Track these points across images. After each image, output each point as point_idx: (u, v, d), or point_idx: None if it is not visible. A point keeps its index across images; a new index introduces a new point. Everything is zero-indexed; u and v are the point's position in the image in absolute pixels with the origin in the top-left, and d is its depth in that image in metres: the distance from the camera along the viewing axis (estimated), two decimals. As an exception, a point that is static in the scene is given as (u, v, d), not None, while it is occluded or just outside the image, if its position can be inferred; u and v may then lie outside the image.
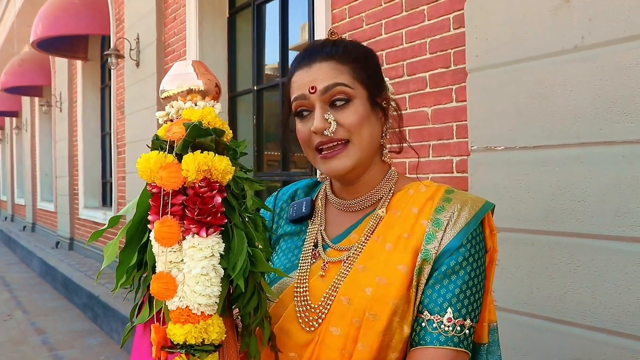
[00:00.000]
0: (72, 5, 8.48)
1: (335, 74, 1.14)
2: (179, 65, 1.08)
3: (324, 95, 1.14)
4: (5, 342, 5.98)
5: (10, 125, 18.04)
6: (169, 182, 0.92)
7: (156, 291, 0.93)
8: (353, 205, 1.24)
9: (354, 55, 1.18)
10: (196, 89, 1.04)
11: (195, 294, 0.92)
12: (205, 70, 1.08)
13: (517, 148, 2.22)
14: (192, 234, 0.93)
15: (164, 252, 0.93)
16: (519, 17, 2.21)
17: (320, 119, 1.13)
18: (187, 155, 0.94)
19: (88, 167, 9.98)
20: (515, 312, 2.19)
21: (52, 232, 12.49)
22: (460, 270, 1.09)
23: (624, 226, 1.90)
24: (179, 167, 0.93)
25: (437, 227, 1.12)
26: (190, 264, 0.93)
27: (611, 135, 1.93)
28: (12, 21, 13.06)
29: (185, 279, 0.93)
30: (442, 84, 2.92)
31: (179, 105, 1.03)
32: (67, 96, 10.60)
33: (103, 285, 6.96)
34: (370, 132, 1.17)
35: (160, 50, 6.34)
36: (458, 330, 1.06)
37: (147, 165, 0.93)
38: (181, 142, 0.95)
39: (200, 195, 0.94)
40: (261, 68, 5.44)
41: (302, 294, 1.17)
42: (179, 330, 0.92)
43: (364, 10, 3.42)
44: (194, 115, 0.98)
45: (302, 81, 1.16)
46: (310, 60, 1.17)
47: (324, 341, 1.11)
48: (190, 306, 0.92)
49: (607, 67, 1.94)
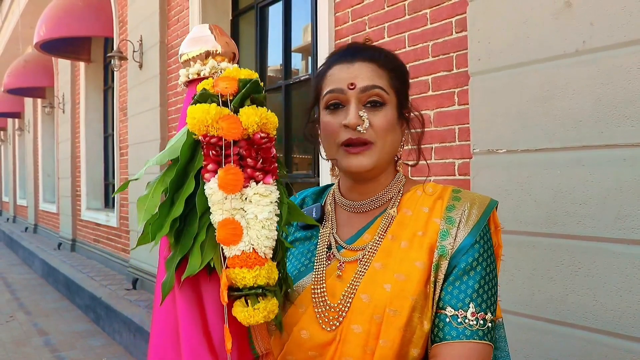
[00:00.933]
0: (75, 7, 8.50)
1: (376, 77, 1.19)
2: (198, 28, 1.12)
3: (362, 94, 1.18)
4: (8, 343, 5.99)
5: (13, 127, 18.05)
6: (230, 132, 0.96)
7: (223, 237, 0.96)
8: (363, 206, 1.27)
9: (394, 64, 1.24)
10: (214, 52, 1.09)
11: (262, 238, 0.97)
12: (222, 33, 1.12)
13: (519, 151, 2.23)
14: (254, 181, 0.98)
15: (228, 199, 0.96)
16: (521, 21, 2.22)
17: (355, 114, 1.16)
18: (247, 108, 0.98)
19: (90, 169, 9.99)
20: (517, 314, 2.20)
21: (54, 234, 12.51)
22: (478, 266, 1.13)
23: (625, 229, 1.91)
24: (237, 118, 0.97)
25: (450, 225, 1.16)
26: (256, 210, 0.97)
27: (612, 138, 1.95)
28: (16, 23, 13.08)
29: (250, 224, 0.97)
30: (444, 87, 2.94)
31: (212, 63, 1.07)
32: (70, 97, 10.62)
33: (105, 287, 6.98)
34: (392, 140, 1.22)
35: (164, 52, 6.36)
36: (482, 324, 1.09)
37: (206, 116, 0.96)
38: (239, 96, 1.00)
39: (261, 145, 0.99)
40: (264, 70, 5.46)
41: (320, 295, 1.19)
42: (249, 273, 0.96)
43: (367, 13, 3.44)
44: (241, 73, 1.03)
45: (342, 76, 1.20)
46: (352, 58, 1.21)
47: (346, 339, 1.13)
48: (257, 249, 0.97)
49: (608, 70, 1.96)
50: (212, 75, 1.06)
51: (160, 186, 0.99)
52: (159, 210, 0.98)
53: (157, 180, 1.00)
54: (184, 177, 1.00)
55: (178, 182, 1.00)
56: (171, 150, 1.01)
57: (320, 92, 1.24)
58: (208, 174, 0.97)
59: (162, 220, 0.98)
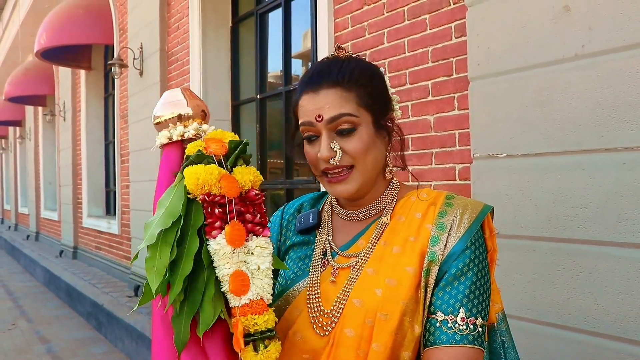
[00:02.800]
0: (75, 15, 8.53)
1: (341, 103, 1.17)
2: (170, 93, 1.22)
3: (330, 124, 1.18)
4: (10, 350, 5.99)
5: (14, 135, 18.07)
6: (231, 190, 1.05)
7: (235, 288, 1.04)
8: (358, 215, 1.29)
9: (361, 80, 1.20)
10: (187, 115, 1.18)
11: (266, 286, 1.07)
12: (192, 96, 1.22)
13: (519, 155, 2.24)
14: (253, 235, 1.08)
15: (235, 253, 1.05)
16: (520, 26, 2.23)
17: (326, 148, 1.17)
18: (241, 168, 1.09)
19: (91, 176, 10.00)
20: (518, 318, 2.20)
21: (56, 241, 12.51)
22: (469, 271, 1.14)
23: (626, 232, 1.91)
24: (234, 177, 1.07)
25: (441, 231, 1.17)
26: (258, 261, 1.06)
27: (612, 142, 1.95)
28: (16, 31, 13.12)
29: (254, 274, 1.06)
30: (444, 92, 2.94)
31: (195, 126, 1.17)
32: (71, 105, 10.64)
33: (107, 294, 6.97)
34: (374, 157, 1.21)
35: (164, 60, 6.38)
36: (472, 329, 1.11)
37: (210, 176, 1.04)
38: (233, 157, 1.10)
39: (255, 201, 1.09)
40: (264, 77, 5.47)
41: (314, 300, 1.22)
42: (260, 319, 1.04)
43: (367, 19, 3.45)
44: (226, 135, 1.14)
45: (309, 108, 1.20)
46: (317, 85, 1.19)
47: (339, 343, 1.15)
48: (263, 297, 1.06)
49: (607, 75, 1.96)
50: (195, 137, 1.15)
51: (166, 246, 1.03)
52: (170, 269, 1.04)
53: (160, 240, 1.03)
54: (184, 235, 1.05)
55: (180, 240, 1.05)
56: (170, 212, 1.05)
57: (298, 119, 1.26)
58: (215, 231, 1.05)
59: (174, 278, 1.03)
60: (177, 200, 1.05)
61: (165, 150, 1.18)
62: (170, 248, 1.02)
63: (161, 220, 1.04)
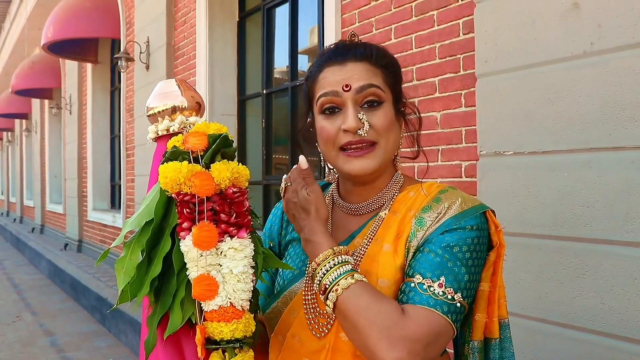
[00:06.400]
0: (82, 9, 8.55)
1: (370, 75, 1.15)
2: (164, 83, 1.17)
3: (358, 95, 1.14)
4: (14, 343, 6.02)
5: (20, 127, 18.14)
6: (203, 189, 0.97)
7: (198, 294, 0.97)
8: (360, 209, 1.25)
9: (386, 60, 1.19)
10: (181, 106, 1.13)
11: (238, 292, 0.98)
12: (187, 88, 1.16)
13: (526, 153, 2.23)
14: (228, 236, 0.99)
15: (203, 256, 0.97)
16: (528, 23, 2.22)
17: (354, 117, 1.13)
18: (218, 164, 1.00)
19: (97, 170, 10.03)
20: (524, 316, 2.19)
21: (61, 234, 12.55)
22: (455, 247, 1.09)
23: (633, 231, 1.90)
24: (209, 174, 0.99)
25: (419, 226, 1.14)
26: (231, 264, 0.98)
27: (620, 140, 1.94)
28: (23, 24, 13.15)
29: (225, 278, 0.98)
30: (451, 89, 2.93)
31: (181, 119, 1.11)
32: (77, 98, 10.66)
33: (111, 287, 6.99)
34: (395, 137, 1.19)
35: (170, 54, 6.38)
36: (448, 299, 1.04)
37: (178, 174, 0.97)
38: (210, 152, 1.02)
39: (234, 200, 1.00)
40: (270, 72, 5.46)
41: (310, 301, 1.19)
42: (226, 327, 0.98)
43: (374, 15, 3.44)
44: (210, 128, 1.05)
45: (335, 78, 1.15)
46: (343, 58, 1.17)
47: (336, 347, 1.13)
48: (234, 303, 0.98)
49: (616, 72, 1.95)
50: (182, 131, 1.09)
51: (137, 247, 1.00)
52: (137, 270, 0.99)
53: (134, 240, 1.00)
54: (160, 235, 1.01)
55: (154, 240, 1.00)
56: (146, 211, 1.02)
57: (313, 95, 1.20)
58: (183, 232, 0.98)
59: (142, 279, 0.99)
60: (154, 200, 1.01)
61: (158, 144, 1.15)
62: (141, 248, 0.99)
63: (135, 220, 1.02)
